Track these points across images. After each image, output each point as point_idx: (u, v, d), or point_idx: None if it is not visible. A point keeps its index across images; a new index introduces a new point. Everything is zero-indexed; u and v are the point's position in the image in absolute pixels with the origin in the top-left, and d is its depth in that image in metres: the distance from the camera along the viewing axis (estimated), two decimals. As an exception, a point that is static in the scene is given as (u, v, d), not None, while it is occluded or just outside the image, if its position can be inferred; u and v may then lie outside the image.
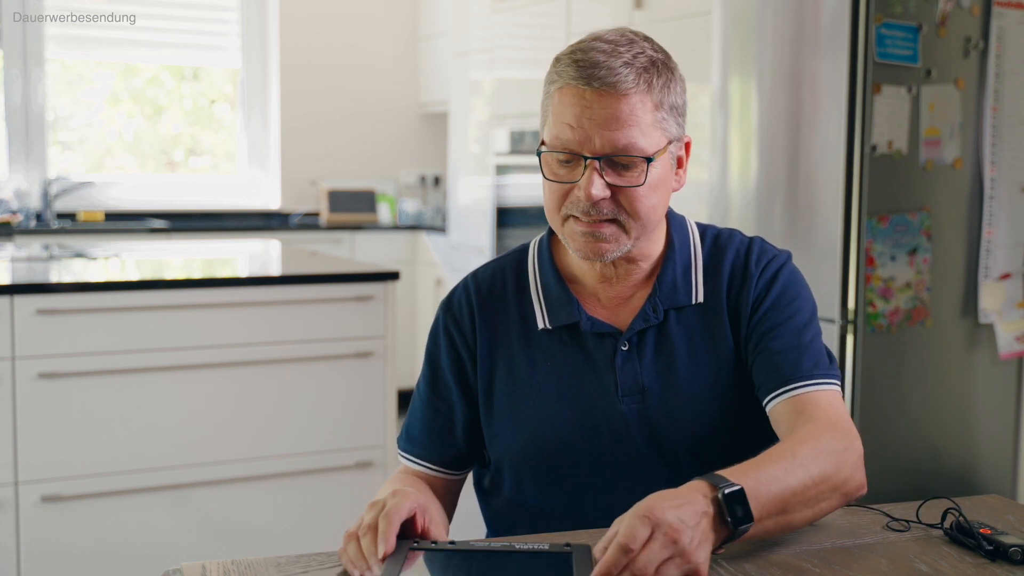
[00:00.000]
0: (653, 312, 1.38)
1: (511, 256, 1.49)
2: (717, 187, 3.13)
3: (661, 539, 1.03)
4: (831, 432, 1.26)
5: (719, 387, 1.37)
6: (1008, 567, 1.12)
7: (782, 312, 1.38)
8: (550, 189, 1.34)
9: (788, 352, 1.35)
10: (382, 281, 3.10)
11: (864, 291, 2.78)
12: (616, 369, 1.37)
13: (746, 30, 3.08)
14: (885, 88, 2.77)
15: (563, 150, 1.31)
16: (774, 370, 1.35)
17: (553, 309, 1.41)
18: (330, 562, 1.14)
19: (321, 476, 3.00)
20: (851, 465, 1.24)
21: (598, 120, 1.28)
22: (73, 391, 2.74)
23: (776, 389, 1.34)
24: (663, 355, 1.37)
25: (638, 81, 1.29)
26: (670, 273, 1.40)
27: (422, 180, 6.25)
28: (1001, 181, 2.94)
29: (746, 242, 1.44)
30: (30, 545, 2.71)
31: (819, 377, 1.34)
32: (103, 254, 3.65)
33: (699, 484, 1.11)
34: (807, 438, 1.24)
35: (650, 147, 1.30)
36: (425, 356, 1.49)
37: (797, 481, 1.17)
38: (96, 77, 5.73)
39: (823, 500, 1.20)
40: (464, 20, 5.31)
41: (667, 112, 1.33)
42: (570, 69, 1.30)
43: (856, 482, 1.25)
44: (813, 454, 1.20)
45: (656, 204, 1.34)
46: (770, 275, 1.40)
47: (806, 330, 1.39)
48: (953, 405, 2.97)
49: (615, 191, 1.30)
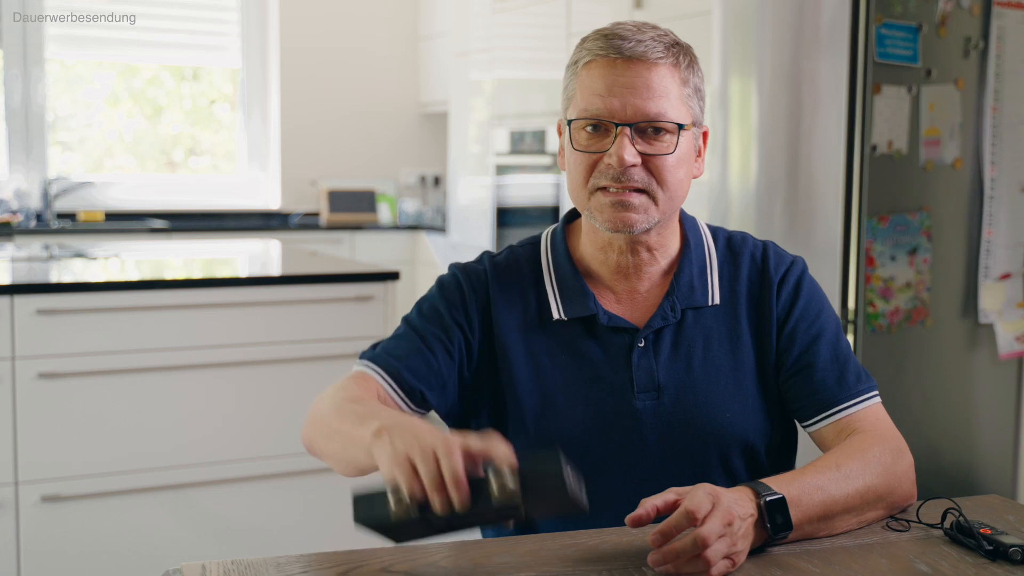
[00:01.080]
0: (671, 311, 1.37)
1: (524, 246, 1.46)
2: (717, 187, 3.13)
3: (720, 517, 1.08)
4: (881, 444, 1.29)
5: (735, 390, 1.37)
6: (1008, 567, 1.12)
7: (812, 326, 1.39)
8: (578, 160, 1.33)
9: (828, 370, 1.36)
10: (382, 281, 3.10)
11: (864, 291, 2.78)
12: (632, 366, 1.36)
13: (746, 30, 3.08)
14: (885, 88, 2.76)
15: (593, 118, 1.30)
16: (817, 392, 1.36)
17: (568, 300, 1.39)
18: (330, 562, 1.14)
19: (321, 476, 3.00)
20: (899, 478, 1.28)
21: (629, 88, 1.29)
22: (73, 391, 2.74)
23: (822, 412, 1.36)
24: (680, 355, 1.37)
25: (667, 54, 1.32)
26: (687, 272, 1.39)
27: (422, 180, 6.25)
28: (1001, 181, 2.94)
29: (760, 246, 1.44)
30: (30, 545, 2.71)
31: (863, 393, 1.36)
32: (103, 254, 3.65)
33: (745, 489, 1.16)
34: (855, 451, 1.27)
35: (680, 118, 1.32)
36: (426, 300, 1.42)
37: (841, 492, 1.21)
38: (96, 77, 5.73)
39: (868, 511, 1.24)
40: (464, 20, 5.31)
41: (692, 91, 1.35)
42: (599, 43, 1.32)
43: (903, 493, 1.28)
44: (860, 466, 1.24)
45: (683, 179, 1.34)
46: (792, 286, 1.40)
47: (839, 342, 1.40)
48: (953, 405, 2.97)
49: (645, 160, 1.30)
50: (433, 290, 1.43)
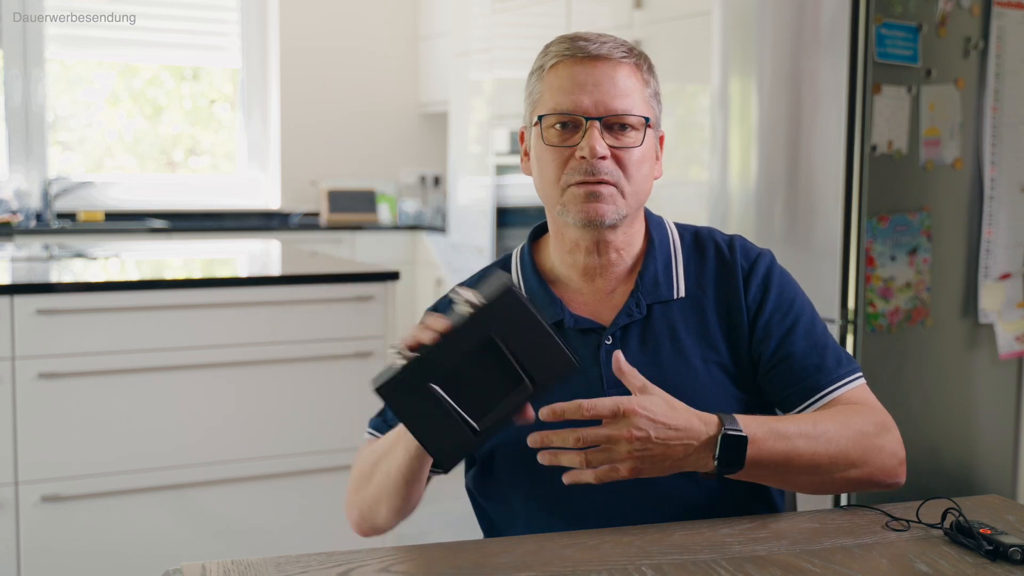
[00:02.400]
0: (636, 307, 1.40)
1: (494, 266, 1.51)
2: (717, 187, 3.13)
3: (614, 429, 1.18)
4: (865, 415, 1.32)
5: (706, 381, 1.38)
6: (1008, 567, 1.12)
7: (787, 316, 1.40)
8: (550, 157, 1.37)
9: (808, 357, 1.38)
10: (382, 281, 3.10)
11: (864, 291, 2.78)
12: (600, 363, 1.38)
13: (746, 30, 3.08)
14: (885, 88, 2.76)
15: (563, 113, 1.34)
16: (799, 379, 1.38)
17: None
18: (330, 562, 1.14)
19: (321, 476, 3.00)
20: (878, 449, 1.30)
21: (595, 85, 1.34)
22: (73, 391, 2.74)
23: (807, 398, 1.37)
24: (648, 349, 1.39)
25: (628, 56, 1.37)
26: (651, 269, 1.42)
27: (422, 180, 6.25)
28: (1001, 181, 2.94)
29: (726, 238, 1.47)
30: (30, 545, 2.71)
31: (844, 376, 1.38)
32: (103, 254, 3.65)
33: (710, 417, 1.22)
34: (837, 414, 1.31)
35: (645, 112, 1.37)
36: None
37: (808, 448, 1.25)
38: (96, 77, 5.73)
39: (836, 474, 1.27)
40: (464, 20, 5.31)
41: (652, 94, 1.40)
42: (563, 45, 1.37)
43: (881, 466, 1.31)
44: (836, 429, 1.28)
45: (647, 175, 1.39)
46: (761, 277, 1.42)
47: (814, 328, 1.41)
48: (953, 405, 2.97)
49: (614, 153, 1.34)
50: None
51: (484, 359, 1.17)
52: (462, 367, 1.17)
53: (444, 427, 1.17)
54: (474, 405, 1.17)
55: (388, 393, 1.17)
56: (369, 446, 1.44)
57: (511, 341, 1.17)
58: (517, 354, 1.17)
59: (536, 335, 1.18)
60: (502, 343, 1.17)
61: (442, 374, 1.17)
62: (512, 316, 1.18)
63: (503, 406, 1.18)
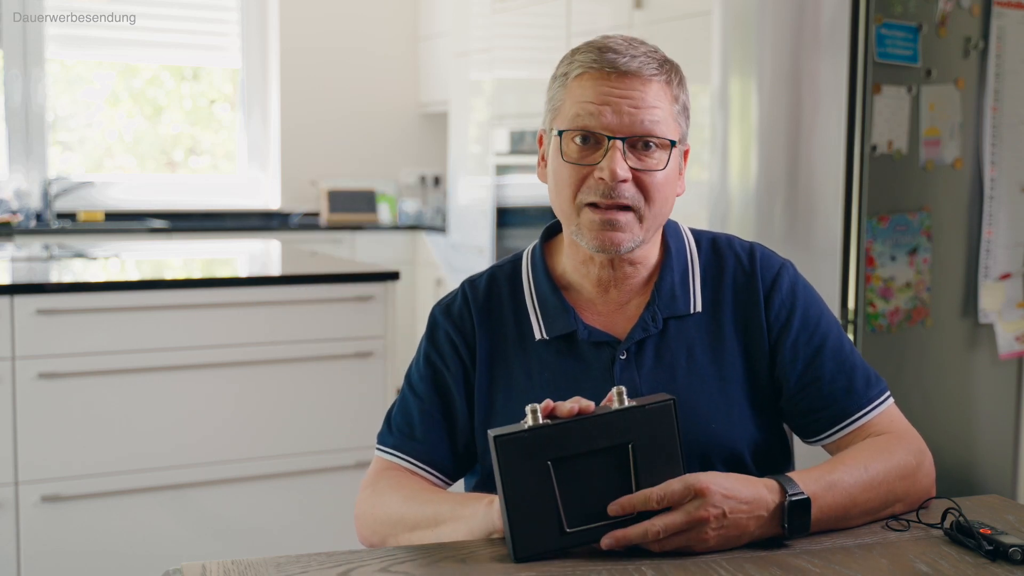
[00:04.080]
0: (652, 321, 1.35)
1: (504, 266, 1.46)
2: (717, 187, 3.13)
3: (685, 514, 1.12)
4: (905, 447, 1.30)
5: (720, 399, 1.34)
6: (1008, 567, 1.12)
7: (814, 336, 1.36)
8: (567, 174, 1.31)
9: (837, 380, 1.35)
10: (382, 281, 3.10)
11: (864, 291, 2.78)
12: (615, 378, 1.34)
13: (746, 30, 3.08)
14: (885, 88, 2.76)
15: (585, 129, 1.29)
16: (828, 404, 1.35)
17: (550, 319, 1.37)
18: (330, 562, 1.14)
19: (321, 476, 3.00)
20: (918, 479, 1.29)
21: (623, 102, 1.28)
22: (73, 391, 2.74)
23: (835, 425, 1.35)
24: (662, 365, 1.35)
25: (659, 71, 1.30)
26: (668, 281, 1.37)
27: (422, 180, 6.25)
28: (1001, 181, 2.94)
29: (746, 248, 1.41)
30: (30, 545, 2.71)
31: (875, 399, 1.36)
32: (103, 254, 3.65)
33: (769, 482, 1.17)
34: (882, 452, 1.28)
35: (671, 134, 1.31)
36: (422, 359, 1.43)
37: (864, 496, 1.23)
38: (96, 77, 5.73)
39: (884, 511, 1.26)
40: (464, 20, 5.31)
41: (681, 109, 1.34)
42: (591, 55, 1.30)
43: (921, 492, 1.30)
44: (885, 469, 1.26)
45: (668, 197, 1.33)
46: (786, 294, 1.37)
47: (842, 348, 1.37)
48: (953, 405, 2.97)
49: (636, 175, 1.29)
50: (424, 342, 1.44)
51: (608, 461, 1.13)
52: (583, 458, 1.12)
53: (537, 512, 1.12)
54: (575, 502, 1.12)
55: (504, 447, 1.11)
56: (397, 474, 1.38)
57: (643, 457, 1.13)
58: (640, 472, 1.13)
59: (670, 464, 1.14)
60: (634, 454, 1.13)
61: (562, 456, 1.12)
62: (659, 435, 1.13)
63: (601, 520, 1.13)
